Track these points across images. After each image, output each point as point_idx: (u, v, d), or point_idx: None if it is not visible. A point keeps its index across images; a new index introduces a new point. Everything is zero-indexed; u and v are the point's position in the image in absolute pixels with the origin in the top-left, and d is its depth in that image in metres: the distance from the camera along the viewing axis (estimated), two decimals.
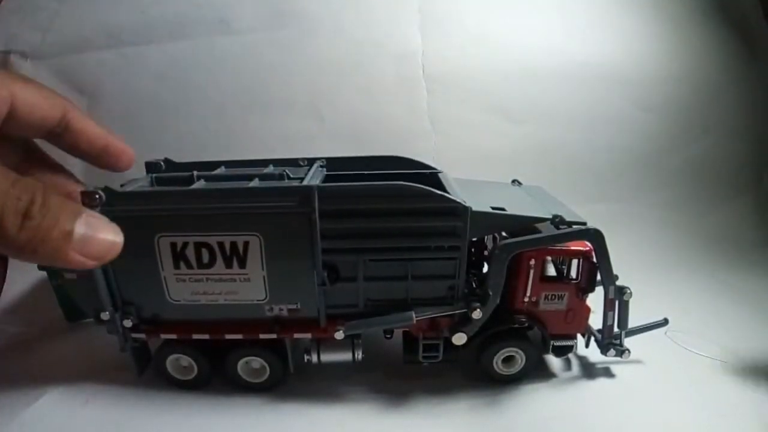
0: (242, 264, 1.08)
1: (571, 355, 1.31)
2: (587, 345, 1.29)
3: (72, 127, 1.18)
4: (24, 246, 0.69)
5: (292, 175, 1.22)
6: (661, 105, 2.21)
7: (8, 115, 1.05)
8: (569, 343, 1.23)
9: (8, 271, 1.82)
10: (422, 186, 1.04)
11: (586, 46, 2.18)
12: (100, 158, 1.22)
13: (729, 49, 2.25)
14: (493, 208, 1.11)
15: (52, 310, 1.51)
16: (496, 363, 1.23)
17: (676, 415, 1.13)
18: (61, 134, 1.19)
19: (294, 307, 1.13)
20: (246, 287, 1.10)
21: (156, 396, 1.23)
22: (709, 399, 1.18)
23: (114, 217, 0.72)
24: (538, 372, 1.27)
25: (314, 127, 2.17)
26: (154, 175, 1.22)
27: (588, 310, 1.21)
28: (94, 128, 1.21)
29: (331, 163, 1.34)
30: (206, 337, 1.16)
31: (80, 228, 0.76)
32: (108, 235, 0.84)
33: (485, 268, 1.21)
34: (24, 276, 1.78)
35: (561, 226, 1.13)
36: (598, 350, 1.26)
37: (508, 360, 1.23)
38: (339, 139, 2.14)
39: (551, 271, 1.21)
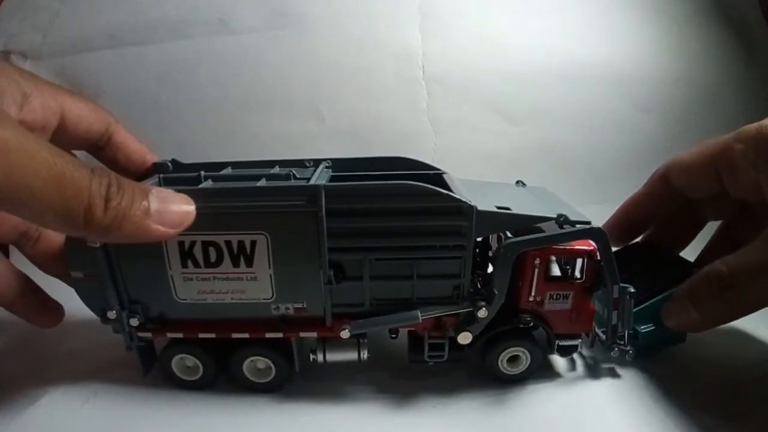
0: (249, 263, 1.07)
1: (575, 355, 1.32)
2: (592, 345, 1.30)
3: (114, 141, 1.21)
4: (110, 225, 0.74)
5: (298, 176, 1.23)
6: (660, 105, 2.22)
7: (58, 126, 1.07)
8: (574, 342, 1.23)
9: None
10: (429, 185, 1.05)
11: (586, 46, 2.20)
12: (136, 174, 1.25)
13: (729, 49, 2.26)
14: (498, 208, 1.11)
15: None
16: (501, 362, 1.23)
17: (681, 415, 1.13)
18: (103, 147, 1.21)
19: (300, 305, 1.13)
20: (253, 286, 1.10)
21: (158, 395, 1.22)
22: (713, 399, 1.18)
23: None
24: (543, 371, 1.28)
25: (314, 127, 2.17)
26: (161, 175, 1.22)
27: (593, 309, 1.22)
28: (134, 143, 1.24)
29: (336, 163, 1.35)
30: (212, 335, 1.16)
31: (154, 203, 0.81)
32: (180, 206, 0.89)
33: (490, 269, 1.21)
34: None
35: (565, 226, 1.13)
36: (603, 350, 1.27)
37: (513, 359, 1.23)
38: (339, 139, 2.15)
39: (556, 270, 1.21)
